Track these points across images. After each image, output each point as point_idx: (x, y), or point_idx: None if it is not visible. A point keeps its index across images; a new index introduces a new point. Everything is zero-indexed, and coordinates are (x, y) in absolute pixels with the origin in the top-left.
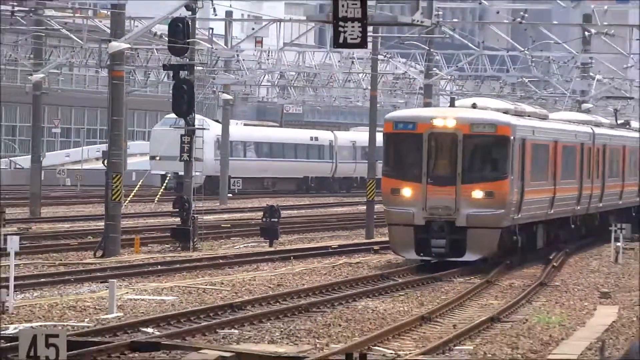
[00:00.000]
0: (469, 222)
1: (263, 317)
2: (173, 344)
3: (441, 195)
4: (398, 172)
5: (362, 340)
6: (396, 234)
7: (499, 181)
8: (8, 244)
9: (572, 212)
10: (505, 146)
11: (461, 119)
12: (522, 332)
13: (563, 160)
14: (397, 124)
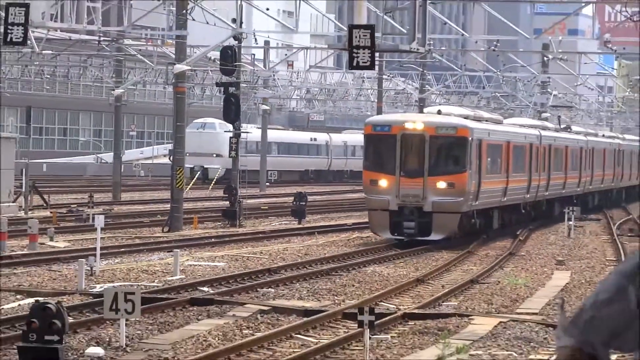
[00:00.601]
0: (434, 208)
1: (293, 279)
2: (223, 300)
3: (411, 185)
4: (376, 166)
5: (370, 297)
6: (374, 218)
7: (459, 174)
8: (96, 221)
9: (523, 199)
10: (464, 145)
11: (428, 122)
12: (495, 292)
13: (514, 157)
14: (375, 127)
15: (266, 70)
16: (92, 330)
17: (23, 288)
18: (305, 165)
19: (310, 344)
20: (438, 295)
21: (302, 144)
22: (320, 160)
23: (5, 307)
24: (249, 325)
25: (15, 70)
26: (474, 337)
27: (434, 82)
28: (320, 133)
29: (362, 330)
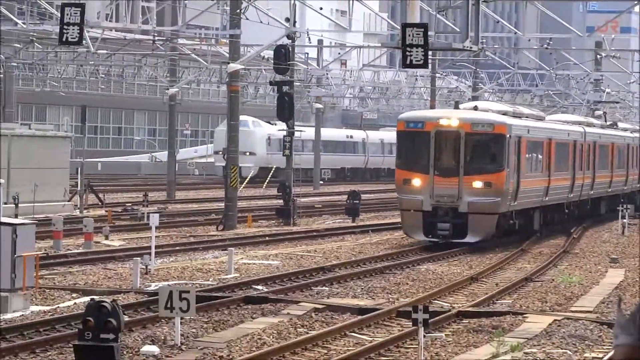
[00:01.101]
0: (470, 209)
1: (347, 277)
2: (278, 298)
3: (446, 185)
4: (409, 164)
5: (425, 296)
6: (407, 218)
7: (496, 173)
8: (150, 220)
9: (566, 199)
10: (501, 143)
11: (463, 118)
12: (549, 289)
13: (556, 155)
14: (408, 123)
15: (319, 69)
16: (147, 329)
17: (79, 287)
18: (341, 163)
19: (364, 342)
20: (492, 293)
21: (338, 141)
22: (356, 158)
23: (61, 305)
24: (303, 324)
25: (71, 69)
26: (528, 335)
27: (487, 80)
28: (357, 130)
29: (417, 328)
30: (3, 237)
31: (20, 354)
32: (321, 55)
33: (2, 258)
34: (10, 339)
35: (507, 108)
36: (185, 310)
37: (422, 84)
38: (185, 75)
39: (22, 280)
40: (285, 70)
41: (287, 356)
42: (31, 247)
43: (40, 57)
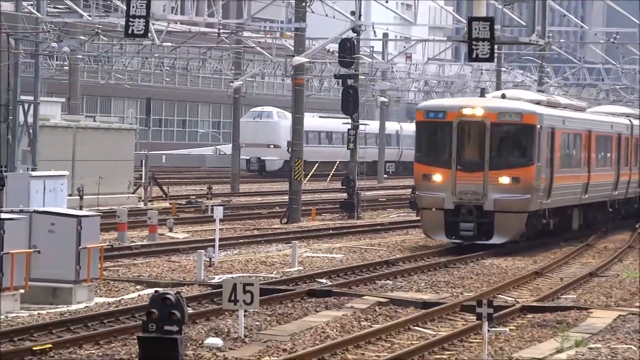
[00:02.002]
0: (497, 207)
1: (411, 271)
2: (341, 292)
3: (470, 180)
4: (429, 158)
5: (489, 290)
6: (427, 217)
7: (525, 167)
8: (214, 213)
9: (609, 196)
10: (531, 134)
11: (489, 108)
12: (614, 285)
13: (598, 149)
14: (428, 113)
15: (384, 62)
16: (211, 321)
17: (143, 279)
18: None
19: (428, 336)
20: (557, 288)
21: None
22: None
23: (126, 297)
24: (367, 317)
25: (136, 62)
26: (593, 330)
27: (553, 74)
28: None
29: (481, 322)
30: (68, 229)
31: (85, 345)
32: (386, 48)
33: (67, 250)
34: (75, 330)
35: (540, 97)
36: (249, 303)
37: (487, 78)
38: (250, 68)
39: (87, 272)
40: (350, 64)
41: (350, 350)
42: (96, 239)
43: (106, 49)
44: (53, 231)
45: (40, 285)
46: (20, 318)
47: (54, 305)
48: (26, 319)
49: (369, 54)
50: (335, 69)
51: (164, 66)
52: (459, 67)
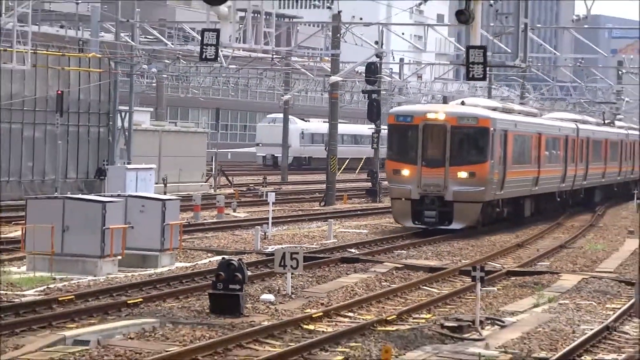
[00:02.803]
0: (455, 197)
1: (421, 244)
2: (366, 259)
3: (433, 175)
4: (399, 156)
5: (481, 258)
6: (397, 206)
7: (480, 164)
8: (268, 197)
9: (557, 188)
10: (485, 135)
11: (450, 113)
12: (579, 255)
13: (547, 148)
14: (398, 117)
15: (401, 81)
16: (265, 281)
17: (212, 248)
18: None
19: (434, 293)
20: (534, 257)
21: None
22: None
23: (199, 262)
24: (386, 279)
25: (208, 80)
26: (562, 290)
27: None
28: None
29: (475, 283)
30: (155, 210)
31: (167, 299)
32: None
33: (154, 225)
34: (160, 287)
35: (496, 104)
36: (295, 267)
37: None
38: (296, 85)
39: (169, 243)
40: (374, 82)
41: (373, 304)
42: (176, 217)
43: (184, 70)
44: (143, 211)
45: (133, 253)
46: (118, 278)
47: (144, 268)
48: (122, 279)
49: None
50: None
51: (230, 83)
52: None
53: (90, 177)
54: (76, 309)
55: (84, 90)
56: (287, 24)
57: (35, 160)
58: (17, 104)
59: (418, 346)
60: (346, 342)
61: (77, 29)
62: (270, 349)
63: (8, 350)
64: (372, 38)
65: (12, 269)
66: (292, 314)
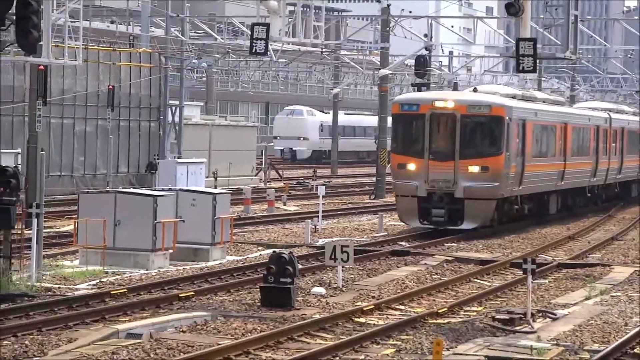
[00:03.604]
0: (466, 194)
1: (472, 237)
2: (417, 252)
3: (441, 169)
4: (404, 148)
5: (532, 250)
6: (402, 204)
7: (494, 157)
8: (318, 190)
9: (588, 182)
10: (499, 125)
11: (459, 100)
12: (631, 247)
13: (574, 139)
14: (403, 106)
15: (450, 73)
16: (316, 275)
17: (263, 241)
18: None
19: (484, 286)
20: (585, 249)
21: None
22: None
23: (250, 256)
24: (437, 272)
25: (257, 74)
26: (614, 282)
27: (582, 82)
28: None
29: (526, 276)
30: (206, 203)
31: (219, 292)
32: (451, 63)
33: (205, 219)
34: (211, 281)
35: (515, 91)
36: (346, 260)
37: (530, 85)
38: (346, 79)
39: (220, 236)
40: (424, 75)
41: (424, 297)
42: (227, 211)
43: (234, 64)
44: (194, 205)
45: (184, 247)
46: (170, 272)
47: (195, 262)
48: (174, 273)
49: (438, 67)
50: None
51: (279, 77)
52: (508, 77)
53: (141, 171)
54: (128, 303)
55: (135, 85)
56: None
57: (87, 155)
58: (69, 99)
59: (469, 339)
60: (397, 335)
61: (127, 24)
62: (322, 342)
63: (62, 343)
64: (421, 31)
65: (65, 262)
66: (343, 307)
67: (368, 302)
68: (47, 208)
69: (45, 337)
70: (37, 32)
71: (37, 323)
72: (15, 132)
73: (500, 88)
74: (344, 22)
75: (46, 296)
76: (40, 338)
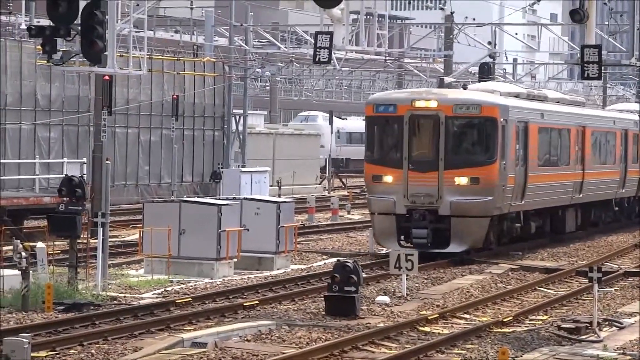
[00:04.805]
0: (453, 211)
1: (538, 246)
2: (482, 260)
3: (423, 182)
4: (379, 157)
5: (598, 258)
6: (378, 223)
7: (486, 166)
8: None
9: (615, 195)
10: (492, 128)
11: (443, 99)
12: None
13: (595, 145)
14: (378, 107)
15: (514, 81)
16: (380, 283)
17: (327, 250)
18: None
19: (550, 295)
20: None
21: None
22: None
23: (314, 265)
24: (502, 280)
25: (321, 82)
26: None
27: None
28: None
29: (592, 284)
30: (270, 212)
31: (283, 301)
32: (515, 70)
33: (269, 228)
34: (276, 290)
35: (519, 90)
36: (410, 269)
37: (595, 92)
38: (409, 87)
39: (285, 245)
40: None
41: (489, 305)
42: (291, 220)
43: (298, 73)
44: (258, 214)
45: (248, 256)
46: (234, 281)
47: (259, 270)
48: (238, 282)
49: (502, 75)
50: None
51: (343, 85)
52: (573, 84)
53: (205, 180)
54: (193, 312)
55: (199, 95)
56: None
57: (151, 164)
58: (133, 109)
59: (535, 348)
60: (462, 344)
61: (191, 33)
62: (386, 350)
63: (127, 352)
64: (485, 38)
65: (130, 271)
66: (408, 316)
67: (433, 311)
68: (112, 217)
69: (111, 346)
70: (102, 43)
71: (103, 332)
72: (81, 142)
73: (500, 85)
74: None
75: (112, 305)
76: (106, 347)
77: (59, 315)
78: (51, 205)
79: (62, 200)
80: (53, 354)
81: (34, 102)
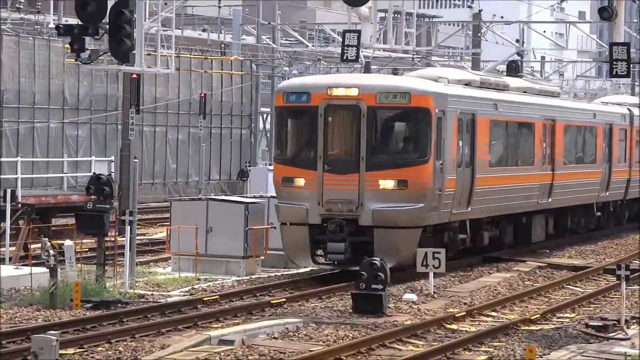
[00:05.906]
0: (376, 221)
1: (565, 243)
2: (509, 258)
3: (341, 185)
4: (290, 156)
5: (626, 256)
6: (288, 236)
7: (416, 166)
8: None
9: (596, 198)
10: (424, 121)
11: (365, 87)
12: None
13: (569, 142)
14: (289, 95)
15: (542, 79)
16: (408, 281)
17: None
18: None
19: (578, 292)
20: None
21: None
22: None
23: None
24: (529, 278)
25: None
26: None
27: None
28: None
29: (620, 282)
30: None
31: (310, 299)
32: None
33: None
34: (303, 288)
35: (473, 77)
36: (437, 267)
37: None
38: None
39: None
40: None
41: (516, 303)
42: None
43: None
44: None
45: (275, 253)
46: (261, 278)
47: (287, 268)
48: (265, 279)
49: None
50: None
51: None
52: (601, 82)
53: (232, 178)
54: (221, 309)
55: (227, 93)
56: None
57: (179, 163)
58: (161, 107)
59: (562, 346)
60: (490, 341)
61: (219, 32)
62: (414, 348)
63: (155, 350)
64: (512, 36)
65: (158, 269)
66: (435, 314)
67: (460, 309)
68: (140, 215)
69: (138, 344)
70: (130, 41)
71: (130, 329)
72: (109, 140)
73: (447, 72)
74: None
75: (139, 303)
76: (134, 344)
77: (86, 313)
78: (79, 204)
79: (90, 199)
80: (81, 351)
81: (62, 100)
